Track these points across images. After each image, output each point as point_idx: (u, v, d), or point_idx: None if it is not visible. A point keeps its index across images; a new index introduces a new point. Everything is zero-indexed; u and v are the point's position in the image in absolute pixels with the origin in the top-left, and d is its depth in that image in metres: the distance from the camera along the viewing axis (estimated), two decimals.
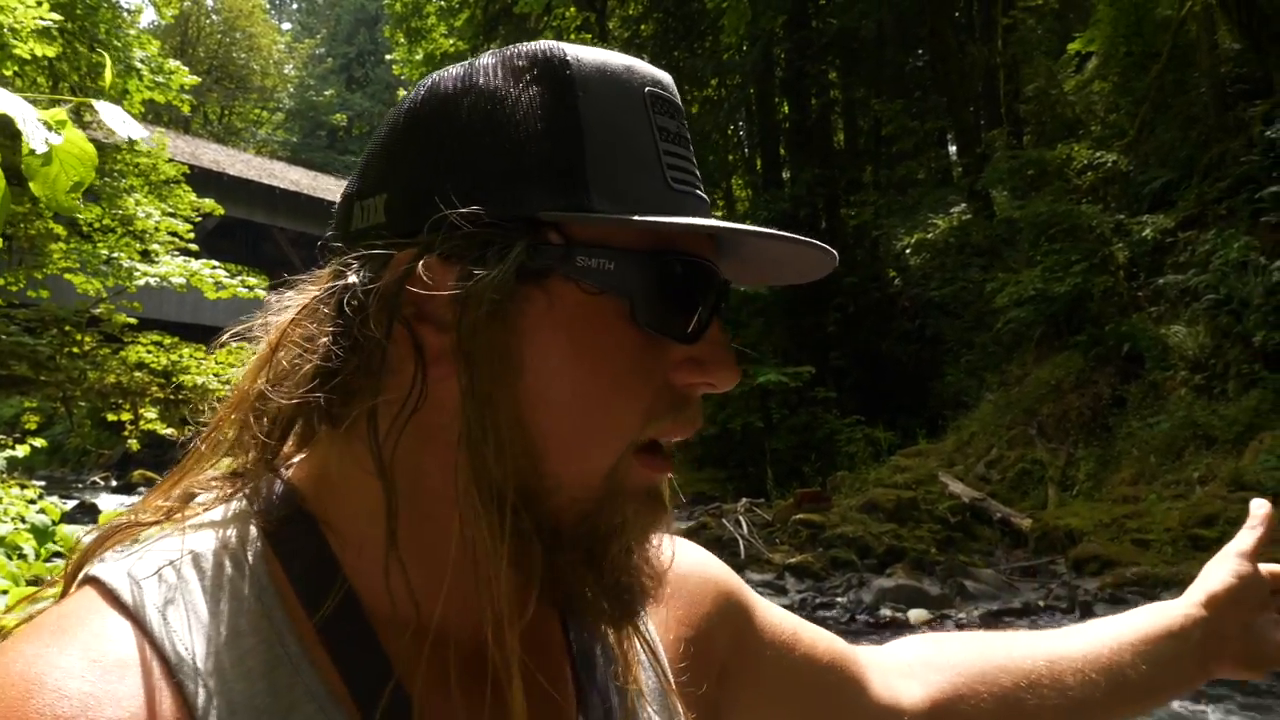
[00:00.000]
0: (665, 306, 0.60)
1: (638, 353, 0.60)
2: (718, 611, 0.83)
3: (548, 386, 0.58)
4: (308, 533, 0.61)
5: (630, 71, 0.63)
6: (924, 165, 20.25)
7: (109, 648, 0.52)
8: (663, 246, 0.60)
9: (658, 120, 0.62)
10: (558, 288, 0.59)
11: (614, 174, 0.59)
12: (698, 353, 0.62)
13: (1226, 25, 12.71)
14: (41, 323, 9.68)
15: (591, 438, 0.59)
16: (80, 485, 22.86)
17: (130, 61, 10.68)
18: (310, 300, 0.63)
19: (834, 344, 18.31)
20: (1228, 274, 10.75)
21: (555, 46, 0.62)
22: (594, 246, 0.59)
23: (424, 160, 0.61)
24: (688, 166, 0.64)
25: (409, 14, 25.00)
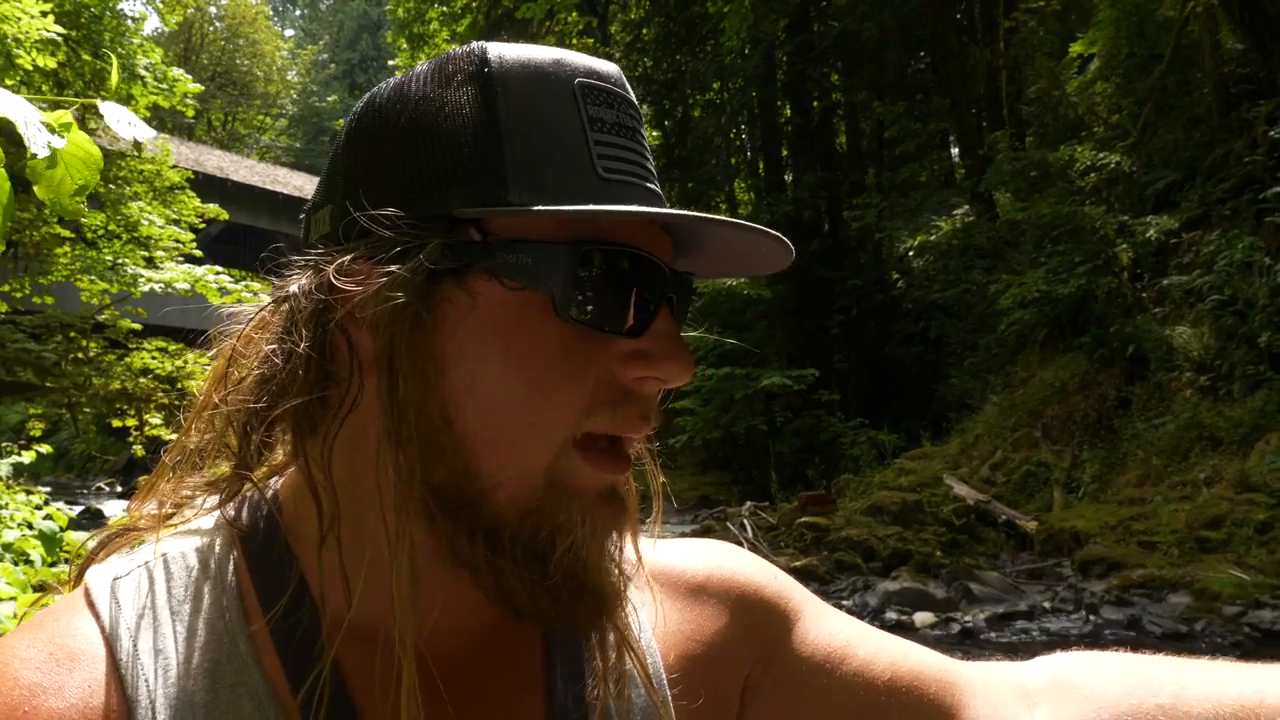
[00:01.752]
0: (593, 299, 0.59)
1: (566, 347, 0.59)
2: (740, 622, 0.78)
3: (472, 384, 0.58)
4: (273, 539, 0.63)
5: (559, 65, 0.62)
6: (927, 167, 20.24)
7: (66, 641, 0.57)
8: (585, 237, 0.59)
9: (590, 111, 0.61)
10: (479, 285, 0.58)
11: (534, 168, 0.59)
12: (643, 345, 0.61)
13: (1229, 26, 12.70)
14: (46, 329, 9.70)
15: (521, 434, 0.58)
16: (85, 491, 22.90)
17: (134, 69, 10.72)
18: (259, 311, 0.65)
19: (838, 347, 18.30)
20: (1232, 275, 10.73)
21: (479, 47, 0.62)
22: (513, 241, 0.58)
23: (356, 170, 0.62)
24: (626, 155, 0.63)
25: (411, 20, 25.06)
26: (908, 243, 17.66)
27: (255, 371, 0.62)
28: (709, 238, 0.64)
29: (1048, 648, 3.15)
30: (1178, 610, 7.91)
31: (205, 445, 0.66)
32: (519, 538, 0.59)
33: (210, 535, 0.65)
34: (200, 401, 0.66)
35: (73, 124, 1.21)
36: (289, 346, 0.60)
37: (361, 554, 0.60)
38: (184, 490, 0.68)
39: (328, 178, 0.65)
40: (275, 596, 0.60)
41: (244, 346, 0.64)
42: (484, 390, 0.58)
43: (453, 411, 0.58)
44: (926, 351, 16.76)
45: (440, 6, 24.36)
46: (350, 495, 0.61)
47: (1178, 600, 8.07)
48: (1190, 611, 7.84)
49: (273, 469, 0.69)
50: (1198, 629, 7.60)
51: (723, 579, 0.79)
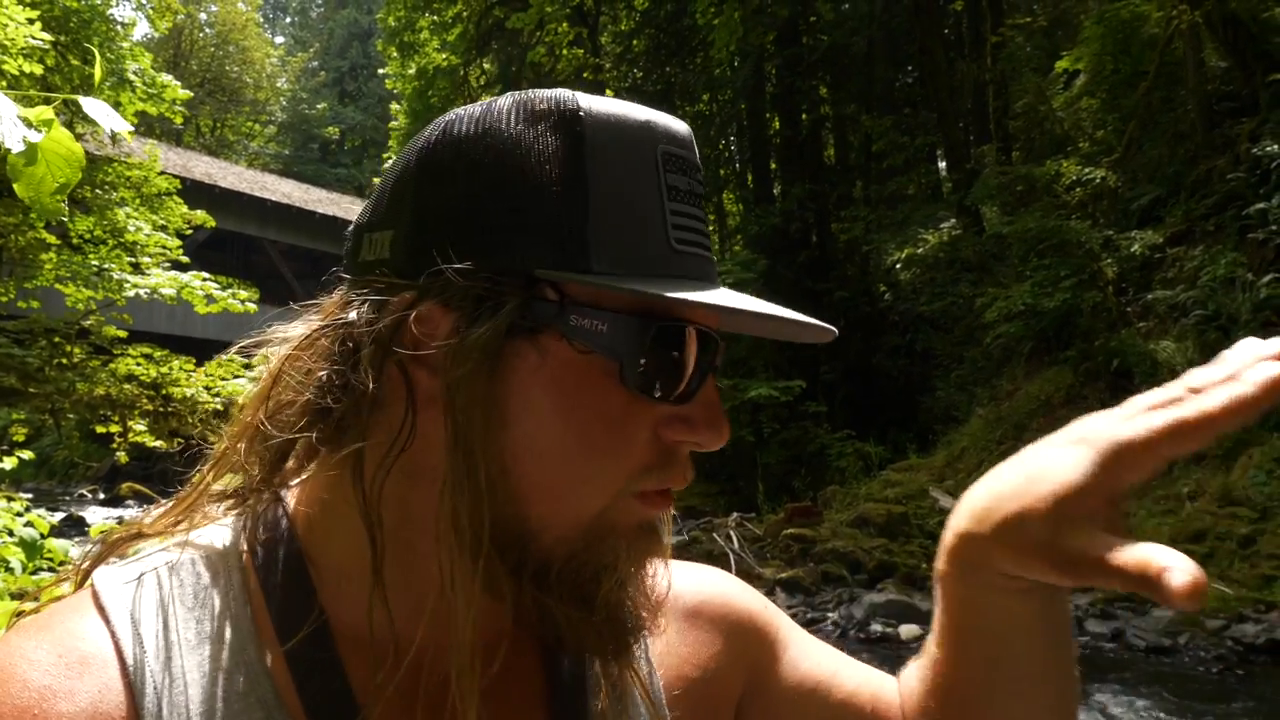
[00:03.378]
0: (655, 369, 0.60)
1: (623, 412, 0.60)
2: (734, 646, 0.80)
3: (534, 438, 0.59)
4: (288, 554, 0.64)
5: (646, 129, 0.63)
6: (914, 181, 20.34)
7: (76, 644, 0.57)
8: (655, 311, 0.60)
9: (669, 179, 0.62)
10: (549, 344, 0.59)
11: (615, 235, 0.59)
12: (688, 412, 0.62)
13: (1213, 43, 12.83)
14: (30, 334, 9.64)
15: (575, 488, 0.60)
16: (68, 498, 22.72)
17: (123, 74, 10.69)
18: (312, 333, 0.64)
19: (825, 358, 18.34)
20: (1216, 290, 10.81)
21: (570, 96, 0.62)
22: (588, 306, 0.59)
23: (430, 203, 0.61)
24: (694, 225, 0.63)
25: (402, 28, 25.05)
26: (895, 255, 17.74)
27: (304, 397, 0.62)
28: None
29: None
30: (1161, 624, 7.94)
31: (244, 461, 0.65)
32: (565, 575, 0.61)
33: (223, 545, 0.65)
34: (244, 420, 0.66)
35: (54, 120, 1.19)
36: (345, 381, 0.61)
37: (401, 586, 0.62)
38: (197, 500, 0.68)
39: (391, 200, 0.64)
40: (287, 613, 0.61)
41: (290, 366, 0.64)
42: (543, 445, 0.59)
43: (509, 460, 0.59)
44: (913, 364, 16.82)
45: (431, 15, 24.36)
46: (397, 528, 0.61)
47: (1161, 614, 8.10)
48: (1173, 625, 7.87)
49: (284, 483, 0.68)
50: (1181, 643, 7.63)
51: (718, 604, 0.82)
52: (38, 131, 1.17)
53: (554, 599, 0.61)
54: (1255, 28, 11.97)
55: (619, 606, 0.63)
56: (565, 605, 0.61)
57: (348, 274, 0.67)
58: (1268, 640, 7.34)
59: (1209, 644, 7.50)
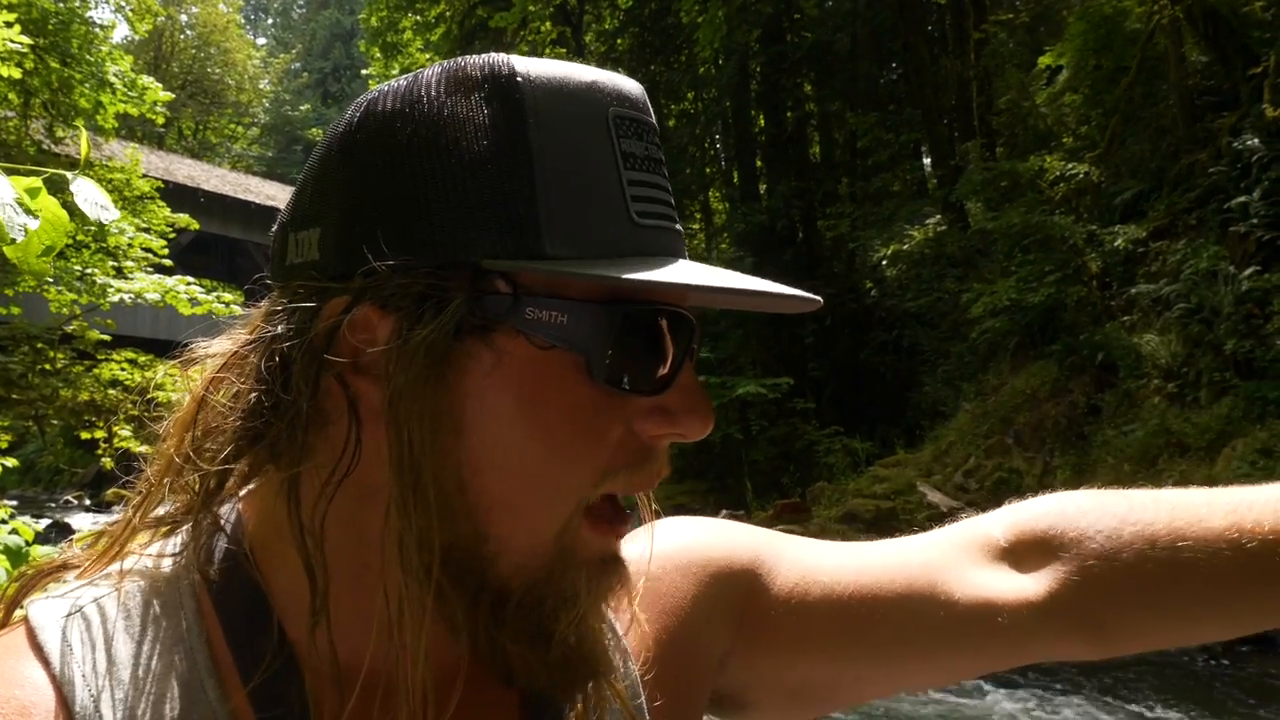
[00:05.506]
0: (626, 359, 0.55)
1: (594, 410, 0.55)
2: (711, 594, 0.74)
3: (492, 449, 0.54)
4: (244, 581, 0.57)
5: (593, 90, 0.56)
6: (899, 177, 20.40)
7: (15, 693, 0.51)
8: (620, 295, 0.55)
9: (623, 145, 0.56)
10: (504, 342, 0.53)
11: (568, 213, 0.53)
12: (666, 401, 0.57)
13: (1194, 39, 12.91)
14: (13, 340, 9.57)
15: (540, 502, 0.55)
16: (53, 505, 22.56)
17: (104, 76, 10.62)
18: (237, 349, 0.58)
19: (812, 355, 18.38)
20: (1198, 283, 10.88)
21: (505, 62, 0.55)
22: (544, 297, 0.53)
23: (357, 193, 0.55)
24: (656, 195, 0.57)
25: (385, 29, 24.97)
26: (881, 252, 17.78)
27: (232, 422, 0.56)
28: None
29: None
30: None
31: (173, 492, 0.59)
32: (524, 608, 0.56)
33: (170, 572, 0.58)
34: (168, 453, 0.59)
35: (41, 190, 1.30)
36: (275, 401, 0.54)
37: (362, 609, 0.57)
38: (128, 529, 0.60)
39: (315, 192, 0.57)
40: (249, 646, 0.55)
41: (214, 389, 0.58)
42: (504, 455, 0.54)
43: (468, 474, 0.54)
44: (900, 360, 16.87)
45: (414, 16, 24.29)
46: (349, 548, 0.56)
47: None
48: None
49: (230, 493, 0.61)
50: None
51: (684, 559, 0.75)
52: (34, 218, 1.25)
53: (508, 635, 0.56)
54: (1235, 22, 12.05)
55: (577, 646, 0.57)
56: (520, 641, 0.56)
57: (274, 279, 0.60)
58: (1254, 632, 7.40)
59: None
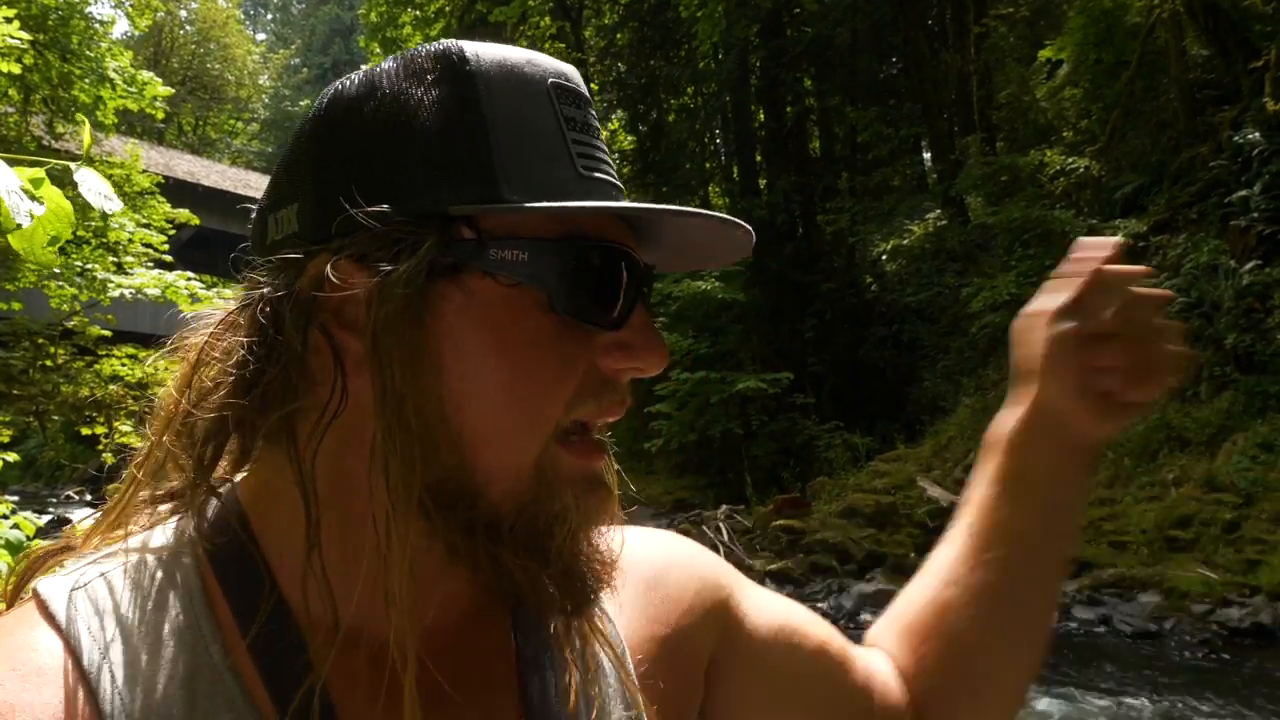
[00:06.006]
0: (584, 293, 0.60)
1: (558, 341, 0.60)
2: (701, 607, 0.81)
3: (470, 382, 0.59)
4: (242, 546, 0.61)
5: (532, 64, 0.63)
6: (899, 172, 20.39)
7: (30, 657, 0.55)
8: (575, 233, 0.60)
9: (564, 110, 0.63)
10: (473, 282, 0.59)
11: (522, 164, 0.59)
12: (624, 337, 0.63)
13: (1194, 32, 12.89)
14: (14, 336, 9.58)
15: (517, 428, 0.59)
16: (54, 500, 22.59)
17: (103, 71, 10.61)
18: (229, 313, 0.63)
19: (812, 350, 18.37)
20: (1199, 278, 10.88)
21: (453, 45, 0.62)
22: (506, 239, 0.59)
23: (331, 166, 0.61)
24: (597, 154, 0.64)
25: (384, 24, 24.94)
26: (881, 247, 17.78)
27: (230, 376, 0.60)
28: (669, 232, 0.66)
29: None
30: (1148, 609, 8.01)
31: (174, 455, 0.63)
32: (518, 529, 0.60)
33: (172, 544, 0.62)
34: (167, 409, 0.63)
35: (45, 180, 1.30)
36: (268, 350, 0.59)
37: (349, 558, 0.60)
38: (135, 502, 0.65)
39: (289, 176, 0.63)
40: (247, 603, 0.59)
41: (210, 350, 0.62)
42: (481, 385, 0.59)
43: (449, 409, 0.59)
44: (900, 355, 16.87)
45: (413, 11, 24.26)
46: (337, 499, 0.60)
47: (1148, 599, 8.16)
48: (1160, 610, 7.93)
49: (225, 474, 0.65)
50: (1167, 628, 7.69)
51: (681, 567, 0.82)
52: (39, 204, 1.27)
53: (509, 553, 0.60)
54: (1236, 15, 12.03)
55: (573, 559, 0.62)
56: (520, 558, 0.60)
57: (257, 258, 0.65)
58: (1252, 624, 7.41)
59: (1194, 628, 7.56)
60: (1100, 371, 0.80)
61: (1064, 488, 0.86)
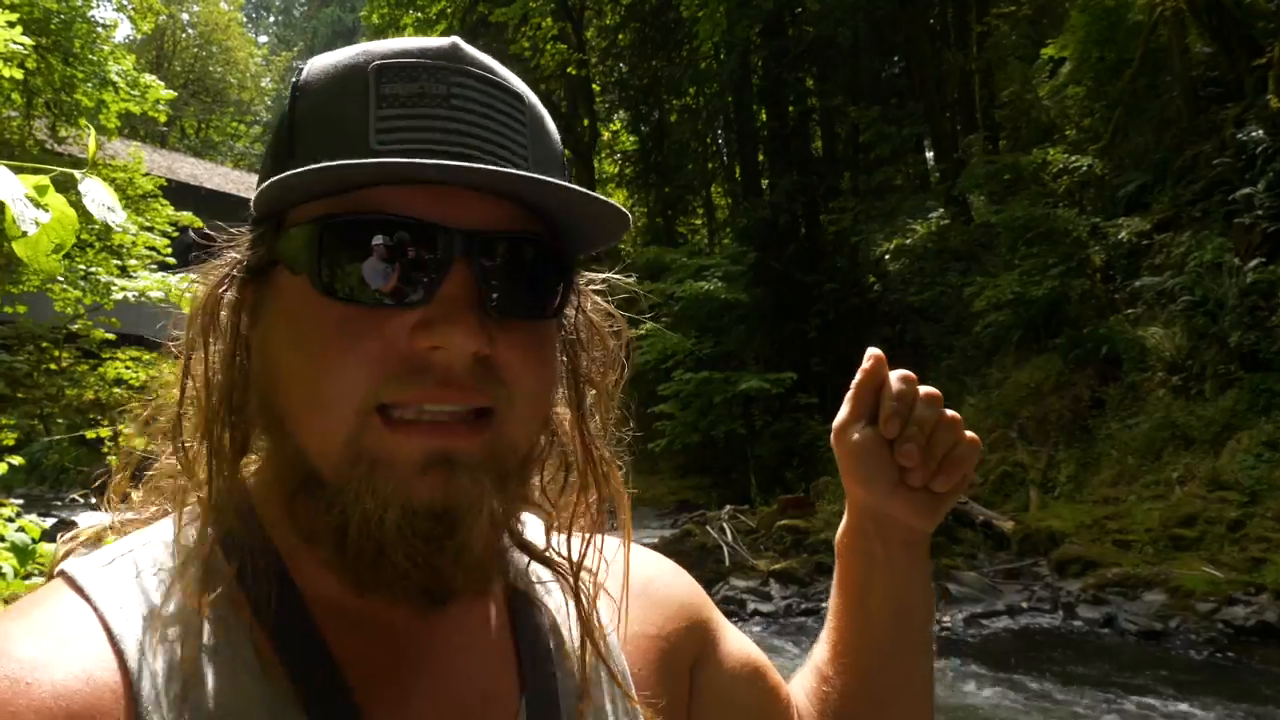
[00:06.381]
0: (352, 273, 0.59)
1: (343, 324, 0.59)
2: (685, 619, 0.85)
3: (276, 367, 0.62)
4: (251, 531, 0.65)
5: (361, 54, 0.64)
6: (901, 171, 20.37)
7: (59, 621, 0.58)
8: (354, 212, 0.59)
9: (383, 89, 0.61)
10: (278, 276, 0.63)
11: (308, 153, 0.61)
12: (426, 314, 0.59)
13: (1197, 30, 12.87)
14: (18, 339, 9.59)
15: (310, 409, 0.60)
16: (59, 503, 22.61)
17: (106, 75, 10.62)
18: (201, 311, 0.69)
19: (815, 350, 18.37)
20: (1203, 275, 10.86)
21: (306, 61, 0.68)
22: (290, 228, 0.62)
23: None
24: (417, 124, 0.61)
25: (386, 26, 24.96)
26: (883, 246, 17.76)
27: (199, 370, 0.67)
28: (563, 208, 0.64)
29: (1024, 646, 3.22)
30: (1153, 608, 7.99)
31: (179, 440, 0.67)
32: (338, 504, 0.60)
33: (189, 530, 0.65)
34: (167, 404, 0.70)
35: (49, 188, 1.33)
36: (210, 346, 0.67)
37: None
38: (150, 491, 0.71)
39: None
40: (259, 583, 0.62)
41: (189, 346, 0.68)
42: (281, 371, 0.62)
43: (271, 395, 0.63)
44: (903, 354, 16.83)
45: (414, 13, 24.28)
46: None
47: (1152, 598, 8.14)
48: (1165, 609, 7.91)
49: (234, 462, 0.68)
50: (1172, 626, 7.67)
51: (666, 581, 0.87)
52: (45, 212, 1.30)
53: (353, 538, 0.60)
54: (1239, 13, 12.01)
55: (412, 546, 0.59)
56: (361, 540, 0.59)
57: None
58: (1258, 622, 7.39)
59: (1200, 627, 7.54)
60: (905, 470, 0.84)
61: (902, 582, 0.89)
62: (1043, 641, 7.76)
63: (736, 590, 9.40)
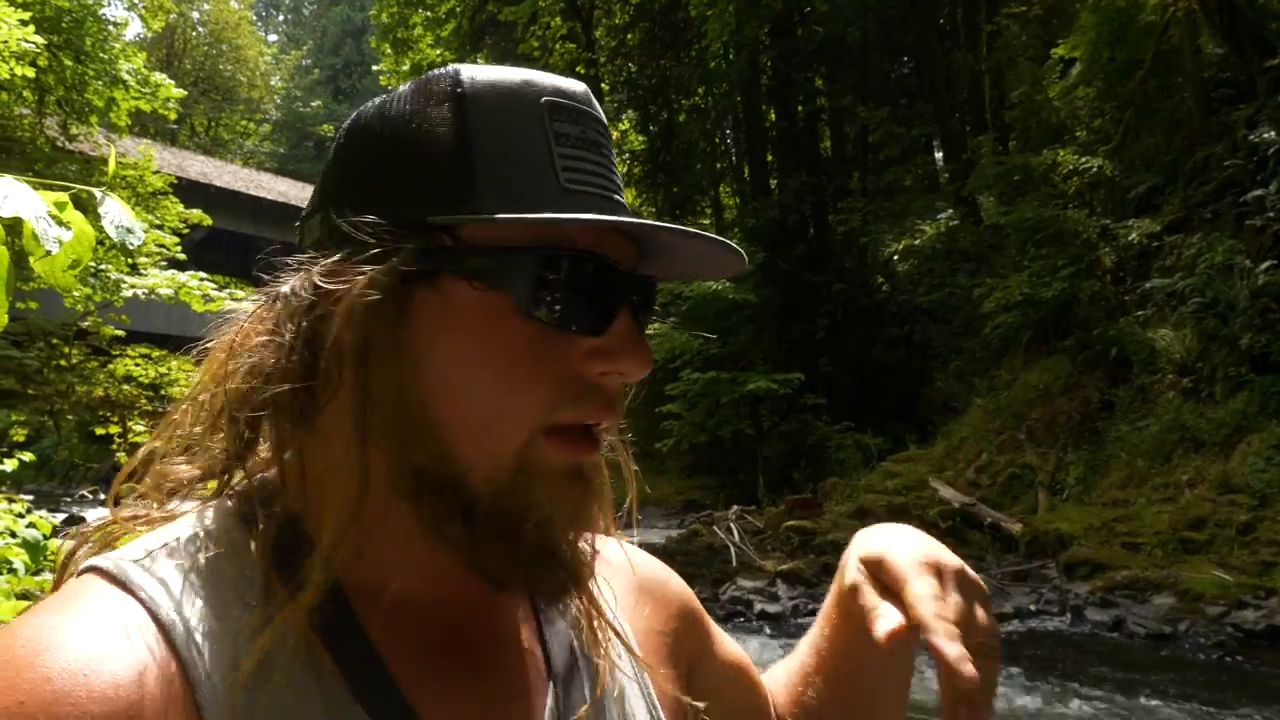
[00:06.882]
0: (556, 300, 0.64)
1: (532, 345, 0.63)
2: (683, 618, 0.89)
3: (446, 379, 0.63)
4: (284, 523, 0.66)
5: (527, 84, 0.67)
6: (911, 172, 20.32)
7: (108, 615, 0.58)
8: (548, 242, 0.64)
9: (555, 126, 0.66)
10: (450, 287, 0.63)
11: (501, 178, 0.63)
12: (604, 343, 0.66)
13: (1209, 30, 12.82)
14: (29, 336, 9.64)
15: (491, 424, 0.63)
16: (69, 499, 22.71)
17: (117, 73, 10.67)
18: (255, 310, 0.68)
19: (823, 350, 18.35)
20: (1214, 277, 10.82)
21: (453, 68, 0.68)
22: (481, 246, 0.63)
23: (342, 180, 0.67)
24: (588, 168, 0.67)
25: (395, 25, 25.00)
26: (892, 247, 17.73)
27: (248, 361, 0.66)
28: (669, 244, 0.69)
29: (1032, 649, 3.22)
30: (1161, 611, 7.97)
31: (198, 435, 0.68)
32: (491, 515, 0.64)
33: (216, 521, 0.66)
34: (195, 391, 0.69)
35: (68, 204, 1.33)
36: (279, 339, 0.65)
37: (381, 537, 0.67)
38: (171, 483, 0.70)
39: (318, 188, 0.70)
40: (298, 574, 0.63)
41: (240, 341, 0.67)
42: (455, 383, 0.63)
43: (428, 401, 0.63)
44: (911, 355, 16.83)
45: (424, 11, 24.31)
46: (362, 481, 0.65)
47: (1161, 601, 8.12)
48: (1174, 612, 7.89)
49: (264, 459, 0.70)
50: (1181, 630, 7.65)
51: (663, 580, 0.91)
52: (67, 229, 1.30)
53: (481, 537, 0.64)
54: (1252, 13, 11.95)
55: (547, 547, 0.66)
56: (491, 543, 0.64)
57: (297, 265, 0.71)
58: (1267, 626, 7.36)
59: (1209, 631, 7.52)
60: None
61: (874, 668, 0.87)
62: (1051, 644, 7.74)
63: (743, 591, 9.39)
